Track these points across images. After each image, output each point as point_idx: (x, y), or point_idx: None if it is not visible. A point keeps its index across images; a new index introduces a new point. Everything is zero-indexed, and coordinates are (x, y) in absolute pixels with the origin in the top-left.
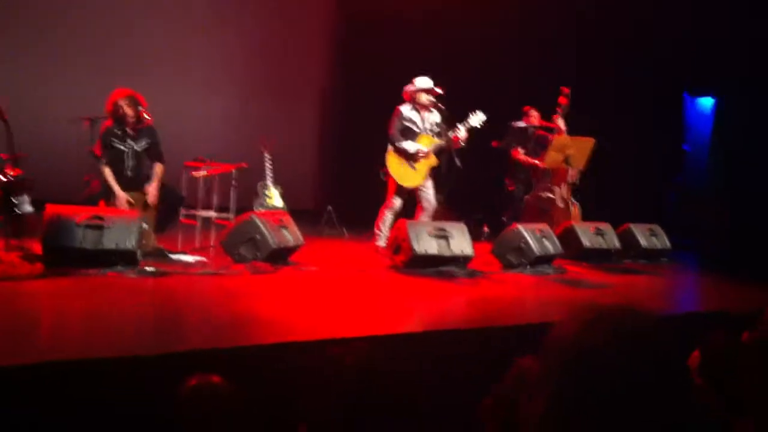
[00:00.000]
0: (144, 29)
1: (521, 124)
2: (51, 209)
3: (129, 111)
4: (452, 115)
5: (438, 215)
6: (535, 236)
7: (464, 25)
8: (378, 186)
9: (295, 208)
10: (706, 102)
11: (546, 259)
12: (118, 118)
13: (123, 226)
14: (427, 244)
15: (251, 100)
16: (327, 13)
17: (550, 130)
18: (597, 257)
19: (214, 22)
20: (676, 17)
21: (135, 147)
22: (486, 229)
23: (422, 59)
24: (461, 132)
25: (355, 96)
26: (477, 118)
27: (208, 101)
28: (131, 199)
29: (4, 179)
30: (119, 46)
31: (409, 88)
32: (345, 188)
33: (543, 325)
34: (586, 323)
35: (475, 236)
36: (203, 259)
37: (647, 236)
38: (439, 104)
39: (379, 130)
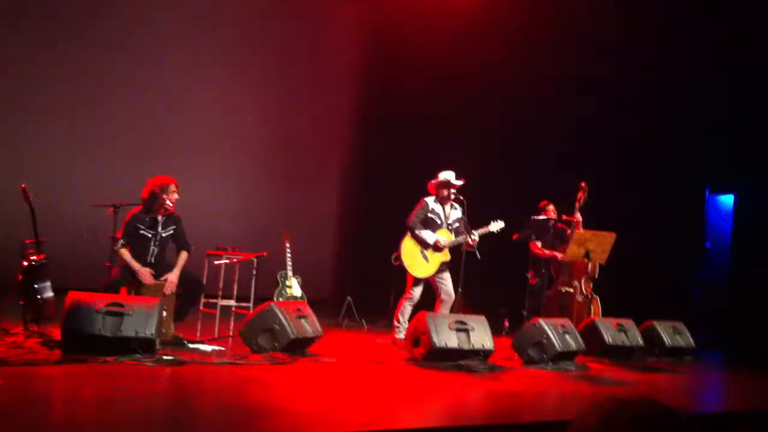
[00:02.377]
0: (168, 119)
1: (541, 217)
2: (72, 295)
3: (169, 198)
4: (473, 214)
5: (458, 308)
6: (557, 331)
7: (482, 120)
8: (397, 275)
9: (315, 298)
10: (727, 199)
11: (568, 355)
12: (154, 204)
13: (143, 313)
14: (447, 338)
15: (272, 189)
16: (347, 100)
17: (569, 224)
18: (619, 354)
19: (235, 110)
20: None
21: (161, 234)
22: (507, 323)
23: (440, 147)
24: (475, 236)
25: (373, 185)
26: (496, 226)
27: (229, 190)
28: (153, 274)
29: (27, 264)
30: (143, 135)
31: (432, 181)
32: (364, 277)
33: (563, 423)
34: (608, 413)
35: (496, 330)
36: (221, 348)
37: (671, 334)
38: (460, 198)
39: (397, 219)
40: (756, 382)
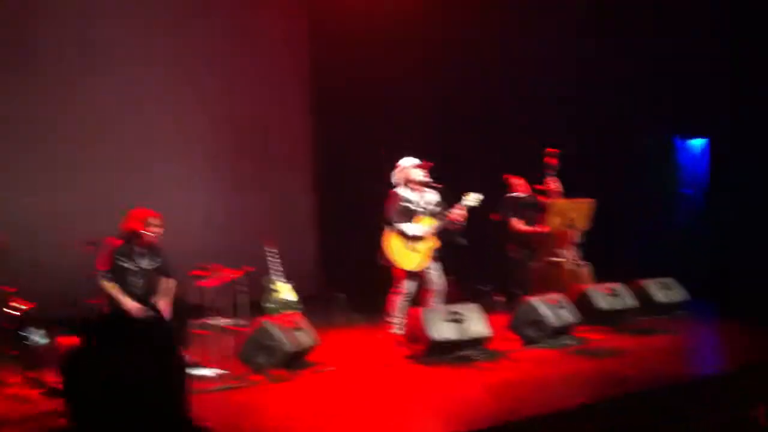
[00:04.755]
0: (134, 138)
1: (513, 194)
2: (62, 341)
3: (152, 234)
4: (450, 191)
5: (449, 294)
6: (550, 307)
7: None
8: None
9: (306, 295)
10: (697, 143)
11: (565, 329)
12: (134, 238)
13: None
14: (443, 331)
15: (245, 197)
16: (307, 93)
17: (545, 193)
18: (615, 319)
19: (195, 120)
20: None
21: (143, 266)
22: (497, 299)
23: (408, 131)
24: (458, 212)
25: (348, 177)
26: (473, 198)
27: (200, 205)
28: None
29: (15, 313)
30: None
31: (396, 171)
32: (351, 270)
33: (572, 410)
34: None
35: (489, 307)
36: (222, 371)
37: (662, 290)
38: (434, 182)
39: (377, 209)
40: (751, 334)
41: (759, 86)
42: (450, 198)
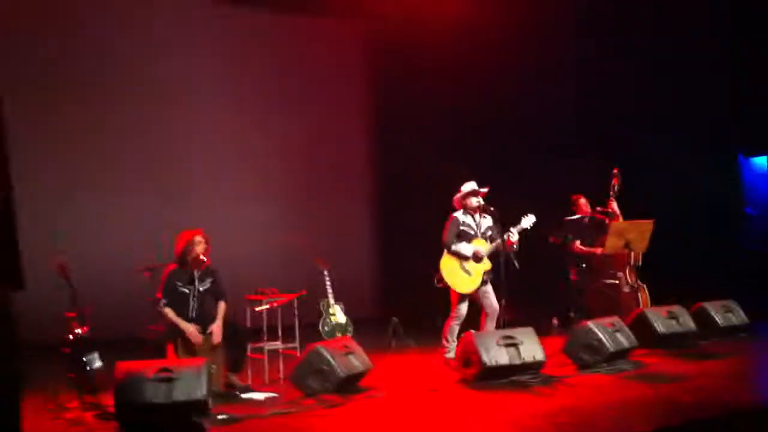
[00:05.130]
0: (186, 168)
1: (575, 216)
2: (121, 367)
3: (199, 252)
4: (502, 218)
5: (503, 317)
6: (607, 331)
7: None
8: (441, 291)
9: (359, 318)
10: (762, 160)
11: (621, 354)
12: (187, 260)
13: (192, 375)
14: (496, 355)
15: (301, 219)
16: (366, 115)
17: (608, 215)
18: (673, 342)
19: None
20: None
21: (199, 288)
22: (555, 322)
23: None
24: (514, 235)
25: (405, 199)
26: (528, 221)
27: (264, 233)
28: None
29: (73, 336)
30: (166, 190)
31: (457, 195)
32: (408, 295)
33: None
34: None
35: (545, 331)
36: (274, 395)
37: (723, 314)
38: (490, 207)
39: (434, 232)
40: None
41: None
42: (506, 221)
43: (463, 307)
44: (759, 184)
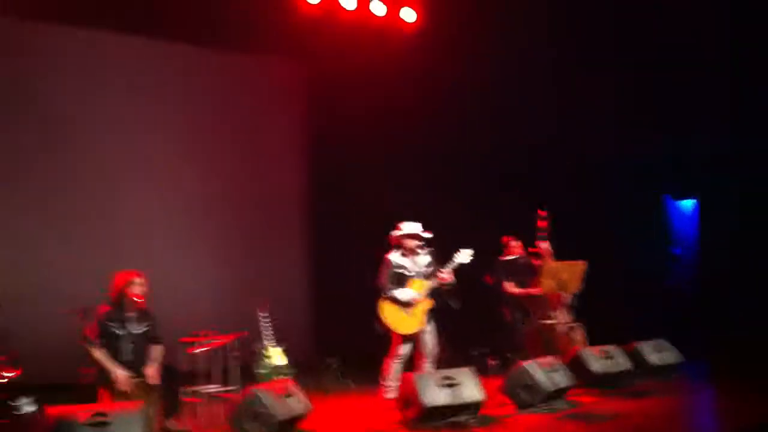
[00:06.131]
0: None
1: (507, 257)
2: (50, 412)
3: (136, 293)
4: (441, 254)
5: (442, 356)
6: (543, 371)
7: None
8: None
9: (299, 360)
10: (688, 204)
11: (559, 393)
12: (123, 302)
13: (126, 419)
14: (436, 396)
15: (236, 262)
16: (300, 155)
17: (537, 256)
18: (609, 381)
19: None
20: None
21: (133, 331)
22: (491, 362)
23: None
24: (446, 273)
25: (343, 237)
26: (462, 256)
27: (192, 271)
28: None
29: (1, 381)
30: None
31: (395, 233)
32: (347, 334)
33: None
34: None
35: (483, 371)
36: None
37: (655, 352)
38: (426, 246)
39: (371, 269)
40: (745, 395)
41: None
42: (442, 259)
43: (406, 348)
44: (684, 225)
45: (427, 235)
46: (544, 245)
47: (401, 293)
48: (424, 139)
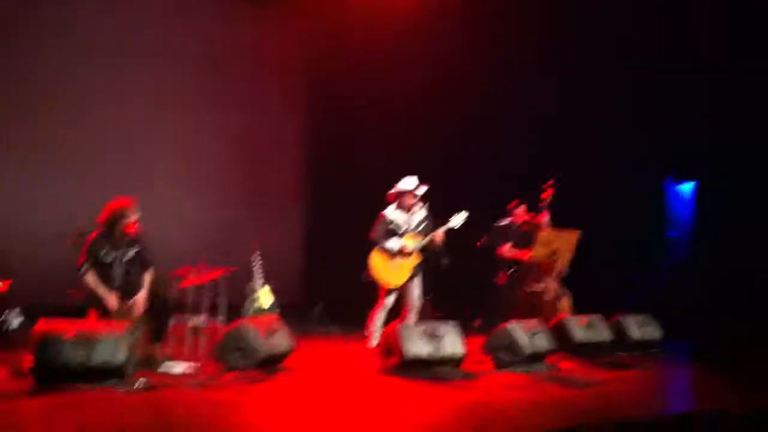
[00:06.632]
0: (123, 138)
1: (505, 222)
2: (42, 325)
3: (127, 223)
4: (435, 213)
5: (425, 314)
6: (526, 333)
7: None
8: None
9: (286, 302)
10: (687, 187)
11: (539, 357)
12: (113, 229)
13: (112, 340)
14: (418, 348)
15: (236, 202)
16: (302, 111)
17: (537, 226)
18: (589, 351)
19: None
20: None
21: (124, 257)
22: (477, 323)
23: (402, 149)
24: (440, 234)
25: (339, 189)
26: (458, 219)
27: (192, 206)
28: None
29: None
30: (100, 156)
31: (392, 190)
32: (335, 282)
33: None
34: None
35: (468, 330)
36: (196, 365)
37: (638, 327)
38: (423, 202)
39: (367, 220)
40: (720, 379)
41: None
42: (437, 218)
43: (390, 299)
44: (682, 209)
45: (423, 188)
46: (545, 215)
47: (392, 243)
48: (424, 94)
